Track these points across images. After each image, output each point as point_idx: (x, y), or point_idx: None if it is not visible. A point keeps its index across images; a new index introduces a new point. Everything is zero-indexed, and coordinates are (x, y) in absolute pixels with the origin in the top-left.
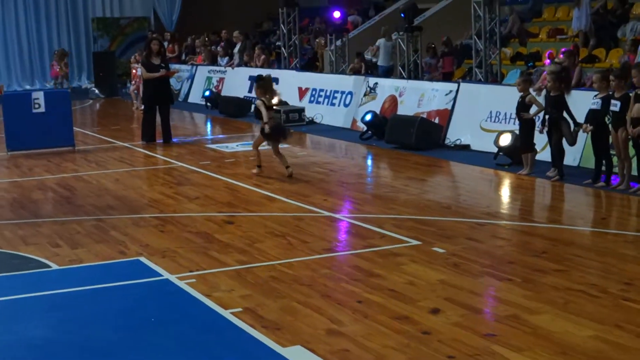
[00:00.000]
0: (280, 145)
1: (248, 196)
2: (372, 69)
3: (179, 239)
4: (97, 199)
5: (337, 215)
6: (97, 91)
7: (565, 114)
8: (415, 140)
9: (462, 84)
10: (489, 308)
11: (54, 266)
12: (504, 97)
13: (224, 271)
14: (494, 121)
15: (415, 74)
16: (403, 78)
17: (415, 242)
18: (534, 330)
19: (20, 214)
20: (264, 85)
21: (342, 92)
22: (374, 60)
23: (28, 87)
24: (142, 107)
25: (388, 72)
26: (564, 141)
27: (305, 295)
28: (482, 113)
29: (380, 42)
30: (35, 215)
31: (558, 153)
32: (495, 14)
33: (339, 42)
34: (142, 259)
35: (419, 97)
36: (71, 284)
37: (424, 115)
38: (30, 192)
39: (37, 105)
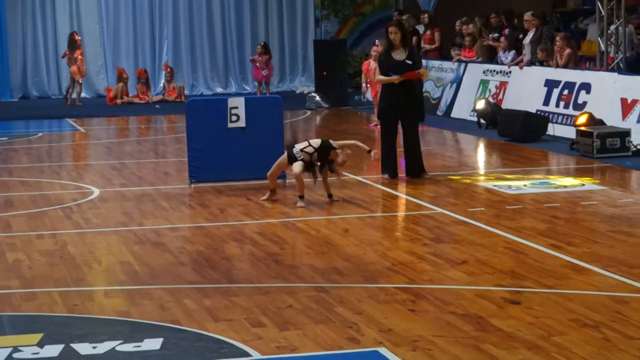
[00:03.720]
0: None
1: (542, 262)
2: None
3: (437, 323)
4: (317, 258)
5: None
6: (317, 98)
7: None
8: None
9: None
10: None
11: (255, 355)
12: None
13: None
14: None
15: None
16: None
17: None
18: None
19: (208, 276)
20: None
21: None
22: None
23: (220, 90)
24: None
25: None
26: None
27: None
28: None
29: None
30: (229, 279)
31: None
32: None
33: None
34: (383, 350)
35: None
36: None
37: None
38: (222, 243)
39: (234, 118)
